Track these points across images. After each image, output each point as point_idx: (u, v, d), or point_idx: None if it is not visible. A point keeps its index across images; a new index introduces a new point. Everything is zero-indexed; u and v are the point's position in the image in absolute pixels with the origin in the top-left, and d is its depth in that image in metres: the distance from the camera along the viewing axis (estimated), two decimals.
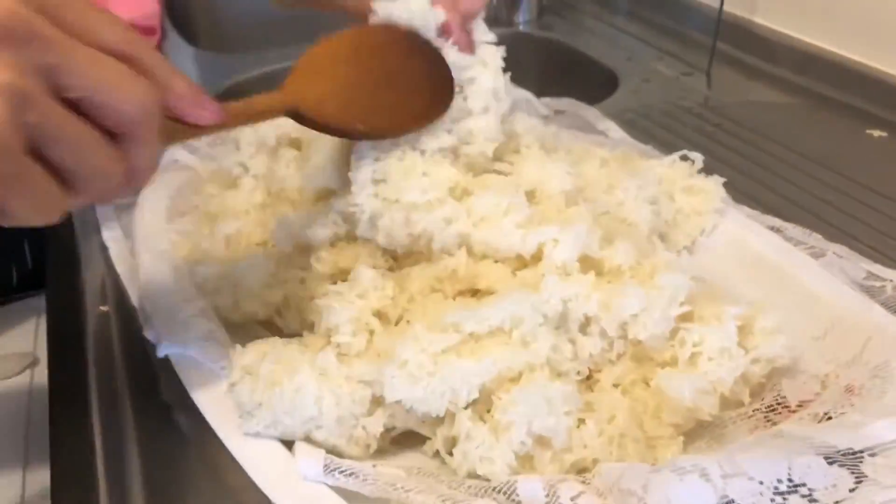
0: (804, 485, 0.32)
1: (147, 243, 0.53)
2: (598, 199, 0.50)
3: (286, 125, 0.54)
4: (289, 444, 0.39)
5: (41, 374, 0.49)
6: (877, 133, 0.71)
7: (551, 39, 0.97)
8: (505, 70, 0.50)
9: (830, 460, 0.33)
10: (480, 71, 0.49)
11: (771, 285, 0.48)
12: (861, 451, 0.34)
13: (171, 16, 1.01)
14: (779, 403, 0.40)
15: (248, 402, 0.39)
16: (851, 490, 0.33)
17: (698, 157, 0.57)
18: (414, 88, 0.46)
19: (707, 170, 0.56)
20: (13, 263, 0.71)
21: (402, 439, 0.42)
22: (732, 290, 0.48)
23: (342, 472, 0.37)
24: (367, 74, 0.45)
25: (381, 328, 0.42)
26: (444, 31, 0.48)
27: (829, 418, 0.37)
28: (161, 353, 0.45)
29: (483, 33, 0.50)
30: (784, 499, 0.32)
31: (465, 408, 0.39)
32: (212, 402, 0.41)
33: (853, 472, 0.33)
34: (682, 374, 0.40)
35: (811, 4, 0.81)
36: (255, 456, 0.39)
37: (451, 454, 0.39)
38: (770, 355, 0.41)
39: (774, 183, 0.63)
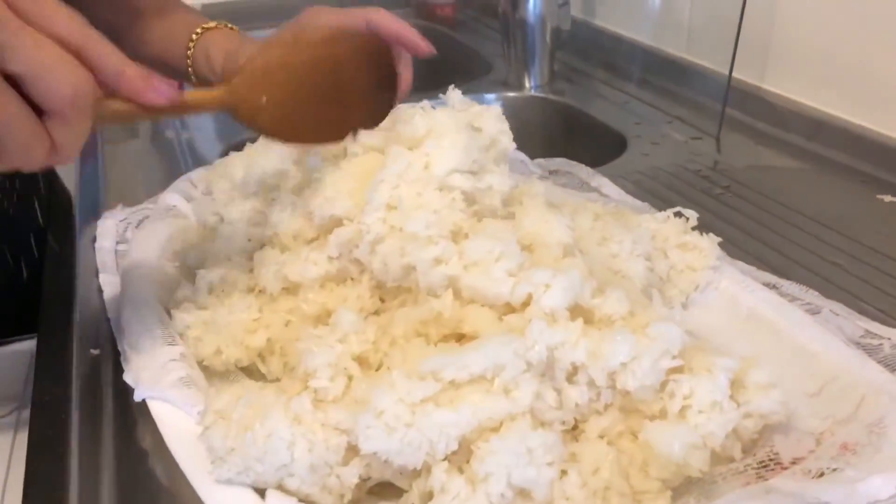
0: None
1: (132, 289, 0.52)
2: (590, 250, 0.49)
3: (267, 166, 0.55)
4: (262, 493, 0.38)
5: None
6: (888, 198, 0.69)
7: (561, 103, 0.97)
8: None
9: None
10: (500, 131, 0.51)
11: (765, 341, 0.47)
12: None
13: None
14: (771, 460, 0.38)
15: (220, 447, 0.38)
16: None
17: (693, 215, 0.57)
18: (360, 99, 0.47)
19: (715, 231, 0.56)
20: (21, 256, 0.71)
21: (378, 490, 0.40)
22: (726, 346, 0.47)
23: None
24: (312, 89, 0.45)
25: (360, 373, 0.41)
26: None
27: (822, 475, 0.35)
28: (138, 397, 0.44)
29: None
30: None
31: (444, 459, 0.37)
32: (185, 447, 0.41)
33: None
34: (672, 427, 0.38)
35: (820, 71, 0.81)
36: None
37: None
38: (763, 410, 0.40)
39: (783, 245, 0.62)
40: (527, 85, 1.01)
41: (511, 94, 0.99)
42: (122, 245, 0.62)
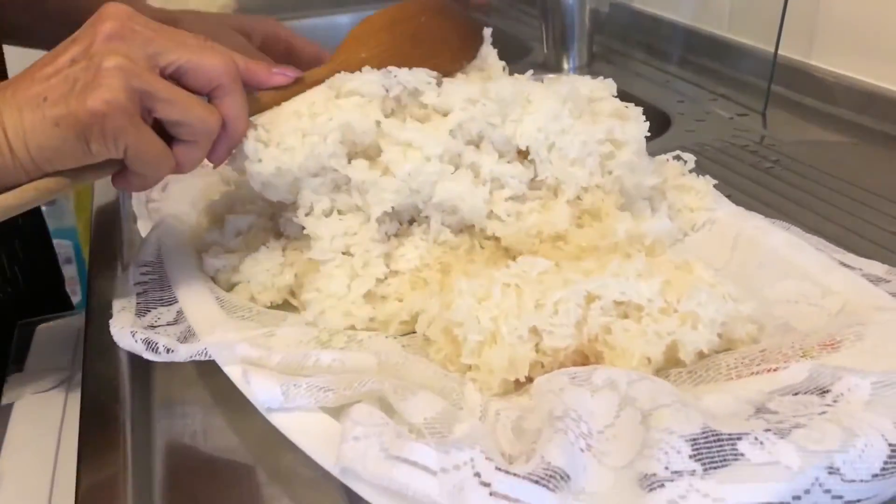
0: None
1: (168, 239, 0.55)
2: None
3: None
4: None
5: (77, 391, 0.48)
6: None
7: None
8: None
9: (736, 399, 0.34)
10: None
11: (753, 265, 0.49)
12: (771, 392, 0.34)
13: None
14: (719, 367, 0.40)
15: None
16: (750, 416, 0.33)
17: (690, 158, 0.59)
18: (442, 43, 0.55)
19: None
20: None
21: None
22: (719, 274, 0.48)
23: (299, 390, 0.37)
24: (400, 38, 0.53)
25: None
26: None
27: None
28: None
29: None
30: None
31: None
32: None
33: (757, 408, 0.34)
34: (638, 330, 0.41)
35: (868, 44, 0.79)
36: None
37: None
38: (724, 320, 0.41)
39: (839, 216, 0.60)
40: (565, 67, 1.00)
41: (550, 76, 0.98)
42: (152, 203, 0.63)
